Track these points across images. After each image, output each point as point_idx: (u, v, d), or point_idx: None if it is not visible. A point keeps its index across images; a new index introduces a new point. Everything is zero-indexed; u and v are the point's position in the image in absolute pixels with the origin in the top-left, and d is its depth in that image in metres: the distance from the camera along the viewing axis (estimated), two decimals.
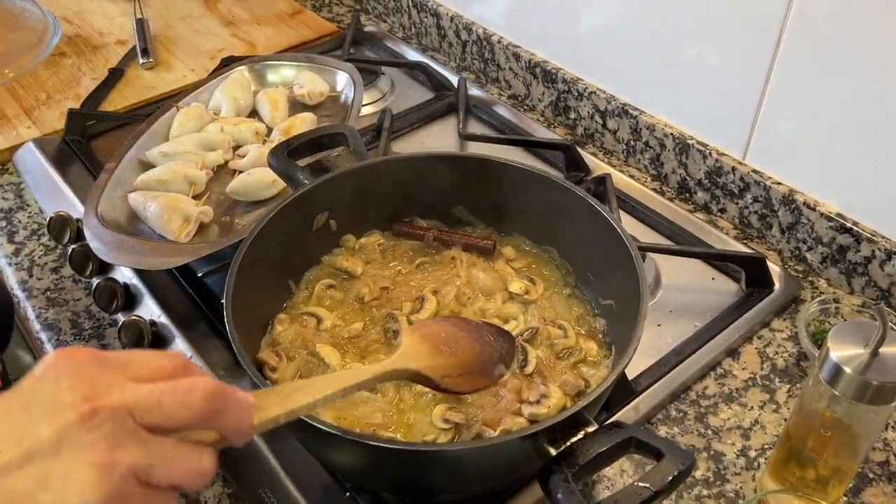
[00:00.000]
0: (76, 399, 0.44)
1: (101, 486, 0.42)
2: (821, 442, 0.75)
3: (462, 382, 0.73)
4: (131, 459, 0.44)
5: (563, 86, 1.35)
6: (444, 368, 0.72)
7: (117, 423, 0.44)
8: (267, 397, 0.54)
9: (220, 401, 0.48)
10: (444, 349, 0.74)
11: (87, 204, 1.06)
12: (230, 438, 0.50)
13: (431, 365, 0.71)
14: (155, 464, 0.45)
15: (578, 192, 0.90)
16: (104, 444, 0.43)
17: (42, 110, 1.40)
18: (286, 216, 0.89)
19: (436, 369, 0.71)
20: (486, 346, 0.77)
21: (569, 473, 0.63)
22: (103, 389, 0.45)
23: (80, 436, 0.43)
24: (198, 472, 0.47)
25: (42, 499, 0.42)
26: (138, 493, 0.45)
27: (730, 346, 0.98)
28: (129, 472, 0.44)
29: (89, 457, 0.43)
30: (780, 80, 1.05)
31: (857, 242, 1.03)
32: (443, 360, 0.72)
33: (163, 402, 0.46)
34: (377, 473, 0.76)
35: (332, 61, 1.33)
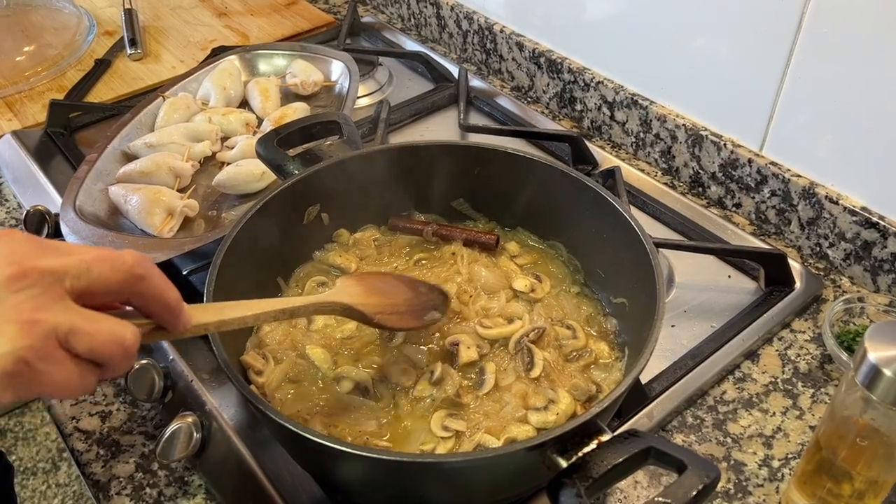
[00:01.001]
0: (6, 263, 0.46)
1: (21, 339, 0.44)
2: (854, 452, 0.68)
3: (394, 320, 0.75)
4: (54, 320, 0.46)
5: (569, 76, 1.29)
6: (376, 307, 0.73)
7: (45, 287, 0.46)
8: (203, 309, 0.58)
9: (145, 267, 0.51)
10: (378, 291, 0.76)
11: (64, 197, 1.00)
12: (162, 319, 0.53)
13: (365, 302, 0.73)
14: (77, 327, 0.46)
15: (588, 182, 0.84)
16: (29, 305, 0.45)
17: (24, 102, 1.34)
18: (274, 208, 0.83)
19: (368, 306, 0.73)
20: (420, 294, 0.80)
21: (581, 487, 0.57)
22: (34, 257, 0.47)
23: (7, 295, 0.45)
24: (119, 343, 0.48)
25: None
26: (59, 356, 0.46)
27: (749, 349, 0.92)
28: (51, 332, 0.45)
29: (13, 314, 0.45)
30: (800, 65, 0.99)
31: (884, 238, 0.96)
32: (376, 300, 0.74)
33: (91, 267, 0.49)
34: (370, 487, 0.70)
35: (327, 50, 1.28)
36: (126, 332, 0.49)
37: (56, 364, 0.46)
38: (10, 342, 0.44)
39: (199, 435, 0.80)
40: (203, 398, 0.83)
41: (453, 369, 0.78)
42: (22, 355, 0.44)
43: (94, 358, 0.48)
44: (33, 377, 0.45)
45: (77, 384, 0.48)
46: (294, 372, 0.78)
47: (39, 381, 0.46)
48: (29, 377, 0.45)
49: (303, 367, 0.78)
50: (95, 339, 0.47)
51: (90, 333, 0.47)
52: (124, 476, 0.81)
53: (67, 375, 0.47)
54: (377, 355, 0.80)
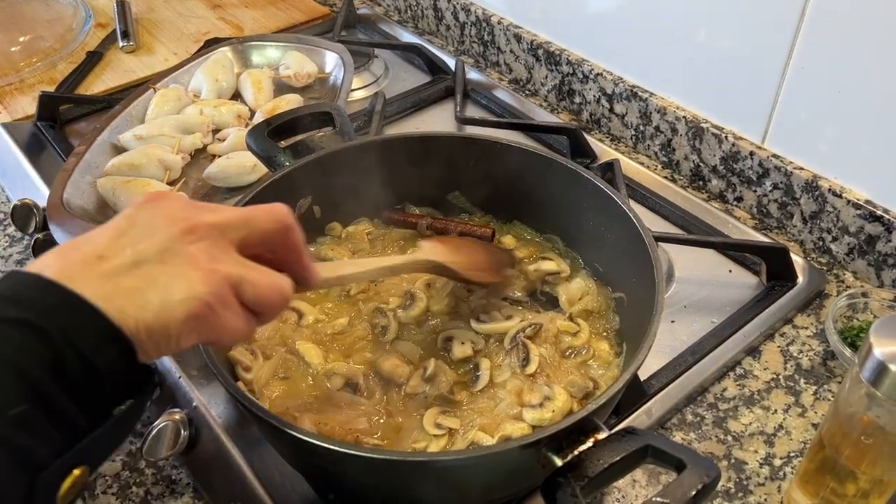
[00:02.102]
0: (176, 219, 0.49)
1: (204, 284, 0.47)
2: (859, 450, 0.66)
3: (479, 275, 0.80)
4: (226, 269, 0.49)
5: (568, 68, 1.27)
6: (463, 263, 0.78)
7: (214, 240, 0.50)
8: (323, 267, 0.62)
9: (292, 219, 0.55)
10: (460, 251, 0.80)
11: (52, 190, 0.98)
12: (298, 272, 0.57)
13: (453, 260, 0.77)
14: (246, 277, 0.50)
15: (586, 174, 0.83)
16: (204, 255, 0.49)
17: (14, 94, 1.32)
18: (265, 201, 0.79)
19: (457, 263, 0.77)
20: (493, 252, 0.85)
21: (577, 487, 0.55)
22: (199, 213, 0.50)
23: (181, 247, 0.48)
24: (279, 291, 0.52)
25: (151, 295, 0.46)
26: (233, 302, 0.49)
27: (750, 345, 0.90)
28: (226, 280, 0.49)
29: (192, 263, 0.48)
30: (802, 56, 0.97)
31: (888, 231, 0.94)
32: (461, 258, 0.78)
33: (251, 217, 0.53)
34: (361, 486, 0.68)
35: (321, 41, 1.26)
36: (284, 282, 0.53)
37: (231, 310, 0.49)
38: (195, 287, 0.47)
39: (187, 433, 0.78)
40: (191, 395, 0.81)
41: (447, 365, 0.76)
42: (207, 300, 0.47)
43: (257, 306, 0.51)
44: (215, 321, 0.48)
45: (244, 330, 0.51)
46: (283, 368, 0.76)
47: (220, 325, 0.49)
48: (212, 321, 0.48)
49: (293, 363, 0.77)
50: (260, 287, 0.51)
51: (256, 283, 0.51)
52: (110, 475, 0.79)
53: (238, 321, 0.50)
54: (369, 351, 0.78)
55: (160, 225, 0.49)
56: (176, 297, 0.46)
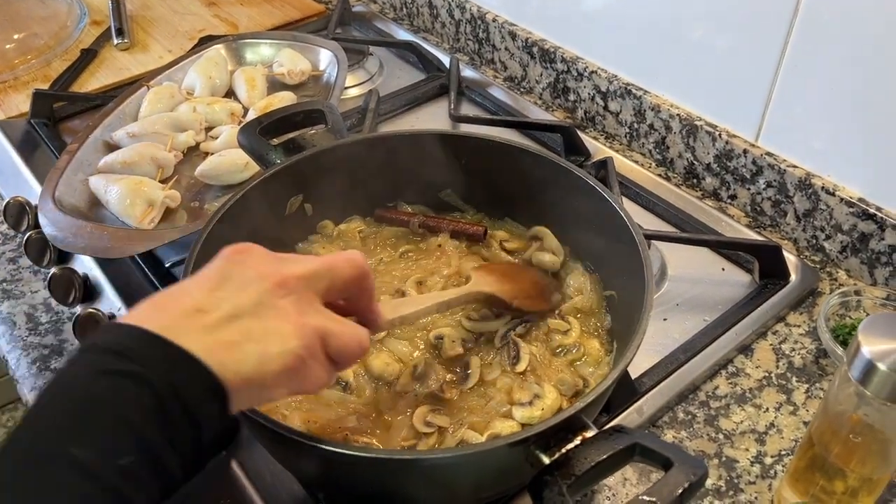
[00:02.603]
0: (266, 273, 0.51)
1: (297, 338, 0.49)
2: (848, 449, 0.66)
3: (528, 303, 0.80)
4: (315, 322, 0.51)
5: (562, 65, 1.27)
6: (511, 292, 0.78)
7: (301, 293, 0.52)
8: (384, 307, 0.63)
9: (367, 264, 0.57)
10: (508, 279, 0.80)
11: (43, 188, 0.98)
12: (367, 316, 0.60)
13: (502, 289, 0.78)
14: (331, 329, 0.52)
15: (577, 171, 0.82)
16: (294, 308, 0.51)
17: (8, 92, 1.32)
18: (255, 199, 0.81)
19: (505, 292, 0.78)
20: (541, 277, 0.85)
21: (563, 485, 0.55)
22: (285, 266, 0.52)
23: (274, 301, 0.50)
24: (359, 344, 0.54)
25: (249, 348, 0.48)
26: (319, 354, 0.51)
27: (742, 343, 0.90)
28: (315, 333, 0.51)
29: (284, 318, 0.50)
30: (795, 54, 0.96)
31: (881, 230, 0.94)
32: (509, 287, 0.79)
33: (333, 267, 0.55)
34: (350, 484, 0.68)
35: (315, 39, 1.25)
36: (363, 334, 0.55)
37: (318, 361, 0.51)
38: (289, 341, 0.49)
39: None
40: None
41: (437, 364, 0.76)
42: (300, 353, 0.49)
43: (339, 356, 0.53)
44: (304, 373, 0.50)
45: (328, 380, 0.53)
46: None
47: (308, 376, 0.51)
48: (302, 373, 0.50)
49: None
50: (343, 340, 0.53)
51: (340, 335, 0.53)
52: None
53: (323, 372, 0.52)
54: None
55: (252, 279, 0.50)
56: (273, 350, 0.48)
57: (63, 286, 0.93)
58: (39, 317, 0.97)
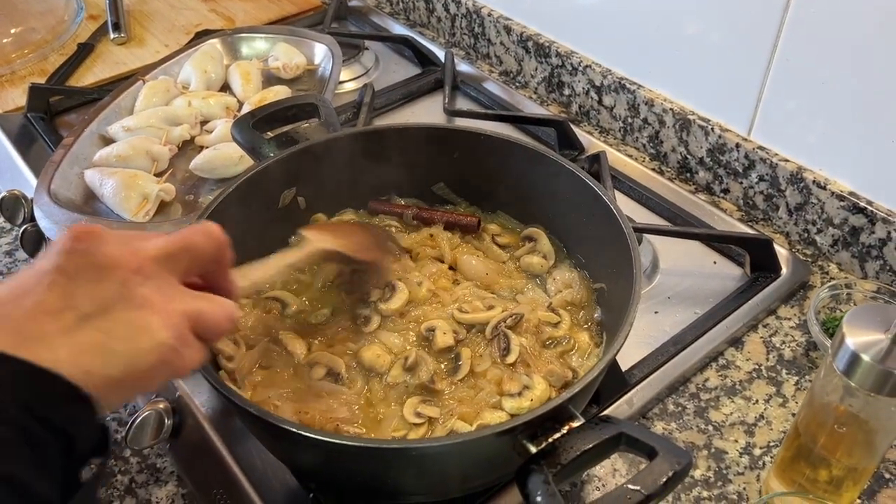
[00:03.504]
0: (119, 260, 0.46)
1: (166, 328, 0.46)
2: (833, 439, 0.67)
3: (369, 254, 0.81)
4: (183, 306, 0.48)
5: (557, 60, 1.27)
6: (350, 245, 0.79)
7: (162, 277, 0.48)
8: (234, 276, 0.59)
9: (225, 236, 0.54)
10: (342, 234, 0.82)
11: (39, 181, 0.99)
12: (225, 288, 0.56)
13: (340, 243, 0.78)
14: (201, 309, 0.49)
15: (568, 165, 0.83)
16: (157, 296, 0.47)
17: (5, 86, 1.32)
18: (248, 192, 0.81)
19: (345, 246, 0.78)
20: (371, 228, 0.88)
21: (549, 473, 0.56)
22: (137, 248, 0.47)
23: (134, 290, 0.46)
24: (229, 317, 0.52)
25: (115, 347, 0.44)
26: (191, 338, 0.48)
27: (733, 335, 0.90)
28: (184, 318, 0.48)
29: (147, 307, 0.46)
30: (787, 48, 0.97)
31: (872, 223, 0.95)
32: (345, 241, 0.79)
33: (190, 243, 0.51)
34: (341, 474, 0.69)
35: (310, 33, 1.26)
36: (231, 307, 0.52)
37: (191, 346, 0.49)
38: (159, 333, 0.46)
39: (171, 421, 0.78)
40: (175, 384, 0.81)
41: (428, 355, 0.76)
42: (172, 344, 0.46)
43: (210, 335, 0.51)
44: (178, 362, 0.48)
45: (202, 359, 0.50)
46: (266, 358, 0.76)
47: (181, 363, 0.48)
48: (176, 363, 0.47)
49: (275, 353, 0.77)
50: (214, 318, 0.50)
51: (210, 313, 0.50)
52: (95, 462, 0.80)
53: (197, 354, 0.49)
54: (351, 341, 0.79)
55: (105, 267, 0.46)
56: (143, 346, 0.45)
57: None
58: None
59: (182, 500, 0.77)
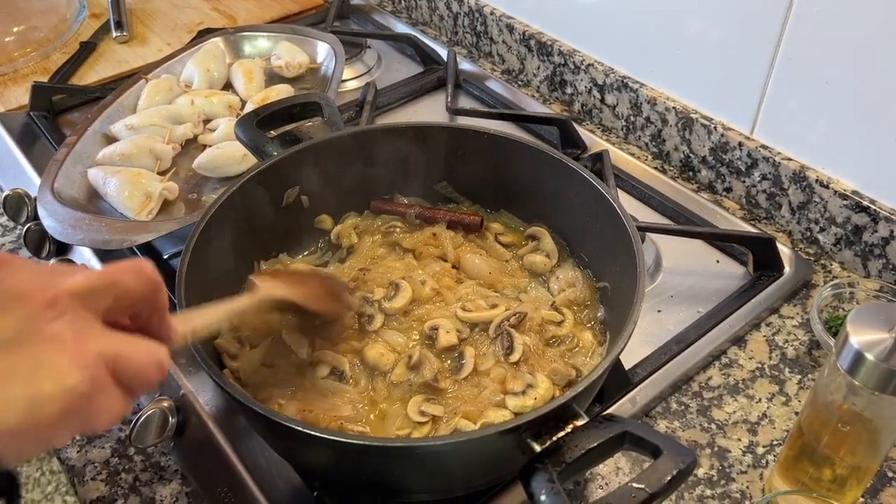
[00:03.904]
0: (29, 291, 0.41)
1: (76, 370, 0.40)
2: (837, 438, 0.67)
3: (321, 305, 0.75)
4: (99, 346, 0.42)
5: (559, 58, 1.27)
6: (301, 295, 0.73)
7: (77, 313, 0.42)
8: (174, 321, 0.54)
9: (158, 275, 0.48)
10: (296, 283, 0.76)
11: (42, 179, 0.99)
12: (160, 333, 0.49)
13: (291, 292, 0.73)
14: (121, 351, 0.43)
15: (571, 164, 0.83)
16: (69, 333, 0.41)
17: (8, 85, 1.32)
18: (252, 190, 0.82)
19: (296, 295, 0.73)
20: (327, 280, 0.81)
21: (554, 472, 0.56)
22: (56, 279, 0.43)
23: (41, 326, 0.41)
24: (158, 365, 0.46)
25: (12, 392, 0.38)
26: (108, 383, 0.42)
27: (736, 334, 0.91)
28: (100, 360, 0.42)
29: (57, 345, 0.40)
30: (790, 47, 0.97)
31: (874, 222, 0.95)
32: (297, 290, 0.74)
33: (116, 280, 0.45)
34: (345, 472, 0.69)
35: (313, 32, 1.26)
36: (161, 353, 0.46)
37: (108, 393, 0.43)
38: (67, 376, 0.40)
39: (175, 420, 0.79)
40: (179, 383, 0.81)
41: (431, 354, 0.76)
42: (82, 390, 0.40)
43: (135, 382, 0.44)
44: (92, 410, 0.42)
45: (123, 411, 0.44)
46: (270, 357, 0.76)
47: (95, 413, 0.42)
48: (87, 412, 0.41)
49: (279, 352, 0.77)
50: (137, 363, 0.44)
51: (133, 357, 0.44)
52: (99, 461, 0.80)
53: (116, 403, 0.43)
54: (355, 339, 0.79)
55: (11, 298, 0.41)
56: (46, 390, 0.39)
57: None
58: None
59: (186, 498, 0.77)
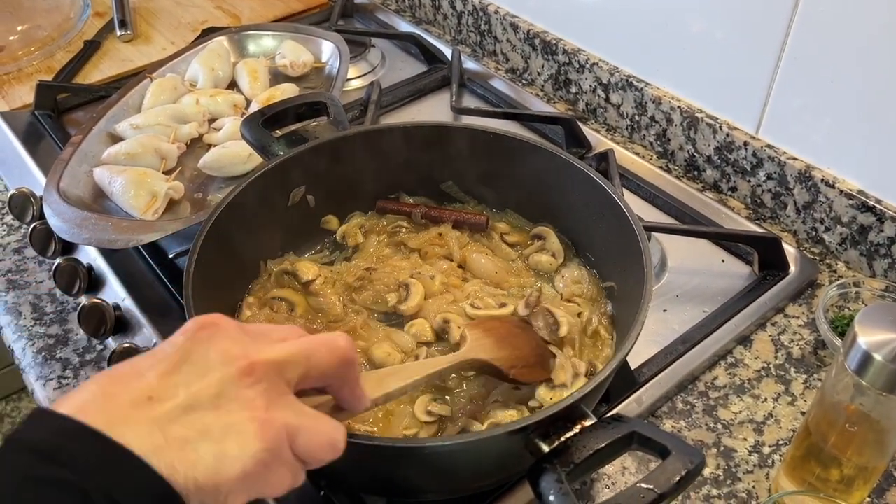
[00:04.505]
0: (232, 357, 0.44)
1: (260, 438, 0.42)
2: (844, 438, 0.67)
3: (526, 373, 0.72)
4: (285, 418, 0.44)
5: (564, 57, 1.27)
6: (509, 360, 0.71)
7: (271, 382, 0.44)
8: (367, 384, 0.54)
9: (354, 352, 0.49)
10: (506, 343, 0.72)
11: (48, 179, 0.99)
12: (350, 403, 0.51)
13: (498, 356, 0.71)
14: (302, 426, 0.45)
15: (577, 163, 0.83)
16: (262, 401, 0.43)
17: (12, 84, 1.32)
18: (258, 190, 0.82)
19: (502, 360, 0.70)
20: (538, 341, 0.76)
21: (562, 472, 0.56)
22: (255, 349, 0.45)
23: (238, 391, 0.43)
24: (333, 446, 0.47)
25: (203, 448, 0.41)
26: (286, 455, 0.44)
27: (741, 334, 0.91)
28: (283, 431, 0.44)
29: (248, 411, 0.43)
30: (796, 46, 0.97)
31: (880, 222, 0.95)
32: (506, 353, 0.71)
33: (311, 354, 0.47)
34: (352, 471, 0.69)
35: (317, 31, 1.26)
36: (339, 435, 0.47)
37: (284, 464, 0.44)
38: (251, 443, 0.42)
39: None
40: None
41: (438, 354, 0.76)
42: (262, 458, 0.42)
43: (309, 458, 0.46)
44: (266, 478, 0.43)
45: (291, 483, 0.46)
46: None
47: (268, 481, 0.44)
48: (264, 478, 0.43)
49: None
50: (315, 440, 0.46)
51: (312, 434, 0.45)
52: None
53: (288, 475, 0.45)
54: (362, 339, 0.79)
55: (215, 362, 0.44)
56: (231, 452, 0.41)
57: (68, 276, 0.94)
58: (44, 307, 0.98)
59: None
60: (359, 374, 0.51)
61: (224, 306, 0.80)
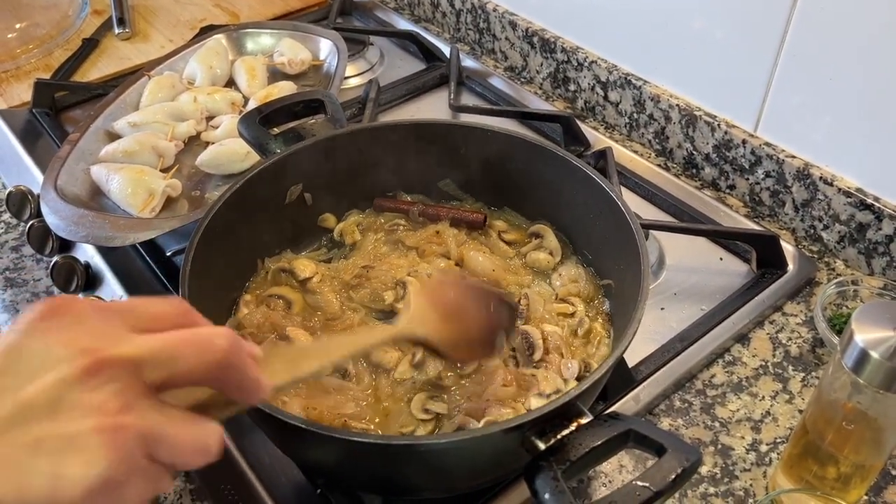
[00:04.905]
0: (74, 352, 0.37)
1: (108, 454, 0.36)
2: (841, 436, 0.67)
3: (468, 353, 0.70)
4: (139, 424, 0.37)
5: (562, 55, 1.27)
6: (451, 337, 0.67)
7: (125, 382, 0.38)
8: (274, 368, 0.48)
9: (236, 354, 0.41)
10: (452, 317, 0.69)
11: (45, 177, 0.99)
12: (239, 398, 0.43)
13: (440, 332, 0.67)
14: (165, 433, 0.39)
15: (574, 161, 0.83)
16: (111, 405, 0.37)
17: (10, 81, 1.32)
18: (255, 188, 0.82)
19: (444, 338, 0.67)
20: (491, 315, 0.72)
21: (558, 470, 0.56)
22: (107, 341, 0.38)
23: (81, 395, 0.36)
24: (203, 452, 0.41)
25: (37, 468, 0.35)
26: (142, 466, 0.38)
27: (739, 332, 0.90)
28: (138, 440, 0.37)
29: (93, 418, 0.36)
30: (794, 43, 0.97)
31: (878, 220, 0.95)
32: (450, 328, 0.68)
33: (176, 355, 0.39)
34: (348, 469, 0.69)
35: (315, 28, 1.26)
36: (211, 439, 0.41)
37: (141, 476, 0.38)
38: (96, 459, 0.36)
39: None
40: None
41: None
42: (109, 475, 0.36)
43: (176, 465, 0.40)
44: (120, 494, 0.37)
45: (157, 491, 0.40)
46: None
47: (124, 497, 0.38)
48: (115, 495, 0.37)
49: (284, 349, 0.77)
50: (180, 447, 0.39)
51: (175, 441, 0.39)
52: None
53: (147, 485, 0.39)
54: None
55: (54, 359, 0.37)
56: (70, 471, 0.35)
57: (65, 274, 0.93)
58: None
59: (190, 495, 0.77)
60: (247, 364, 0.42)
61: (221, 304, 0.80)
